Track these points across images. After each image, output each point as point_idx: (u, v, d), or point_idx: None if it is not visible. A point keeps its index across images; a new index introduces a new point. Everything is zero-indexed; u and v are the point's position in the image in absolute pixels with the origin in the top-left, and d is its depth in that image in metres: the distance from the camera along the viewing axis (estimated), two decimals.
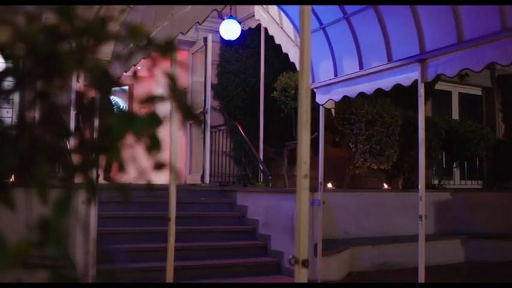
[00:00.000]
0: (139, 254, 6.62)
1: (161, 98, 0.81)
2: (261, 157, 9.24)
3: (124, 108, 11.23)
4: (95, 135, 0.75)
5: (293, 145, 9.23)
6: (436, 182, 11.70)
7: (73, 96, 0.80)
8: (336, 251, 7.44)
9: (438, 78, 5.42)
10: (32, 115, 0.79)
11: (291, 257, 2.70)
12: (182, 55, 10.77)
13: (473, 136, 10.67)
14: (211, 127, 9.80)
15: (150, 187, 0.89)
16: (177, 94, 0.76)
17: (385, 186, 10.15)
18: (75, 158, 0.76)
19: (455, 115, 13.96)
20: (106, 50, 1.13)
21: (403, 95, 7.60)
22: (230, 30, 9.47)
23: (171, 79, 0.81)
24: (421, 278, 5.18)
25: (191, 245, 7.08)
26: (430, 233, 9.51)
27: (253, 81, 10.38)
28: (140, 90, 10.76)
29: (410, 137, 9.37)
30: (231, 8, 9.50)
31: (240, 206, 8.43)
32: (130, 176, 0.87)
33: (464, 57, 5.07)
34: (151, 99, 0.80)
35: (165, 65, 0.86)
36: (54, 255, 0.73)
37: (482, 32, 4.84)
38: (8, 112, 8.43)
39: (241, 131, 9.37)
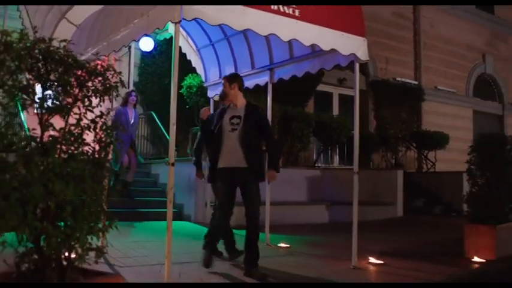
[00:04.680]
0: None
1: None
2: None
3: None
4: None
5: (195, 130, 11.47)
6: (313, 162, 13.87)
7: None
8: None
9: (284, 79, 7.83)
10: None
11: (167, 159, 5.14)
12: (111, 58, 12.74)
13: (336, 126, 12.83)
14: None
15: None
16: None
17: None
18: None
19: (335, 112, 15.88)
20: None
21: (282, 93, 9.77)
22: (146, 44, 11.77)
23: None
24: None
25: (117, 199, 9.38)
26: (303, 200, 11.81)
27: (167, 80, 12.08)
28: None
29: (286, 126, 11.60)
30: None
31: (154, 174, 10.58)
32: None
33: (293, 68, 7.52)
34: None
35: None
36: None
37: (303, 52, 7.28)
38: None
39: (156, 120, 11.30)
